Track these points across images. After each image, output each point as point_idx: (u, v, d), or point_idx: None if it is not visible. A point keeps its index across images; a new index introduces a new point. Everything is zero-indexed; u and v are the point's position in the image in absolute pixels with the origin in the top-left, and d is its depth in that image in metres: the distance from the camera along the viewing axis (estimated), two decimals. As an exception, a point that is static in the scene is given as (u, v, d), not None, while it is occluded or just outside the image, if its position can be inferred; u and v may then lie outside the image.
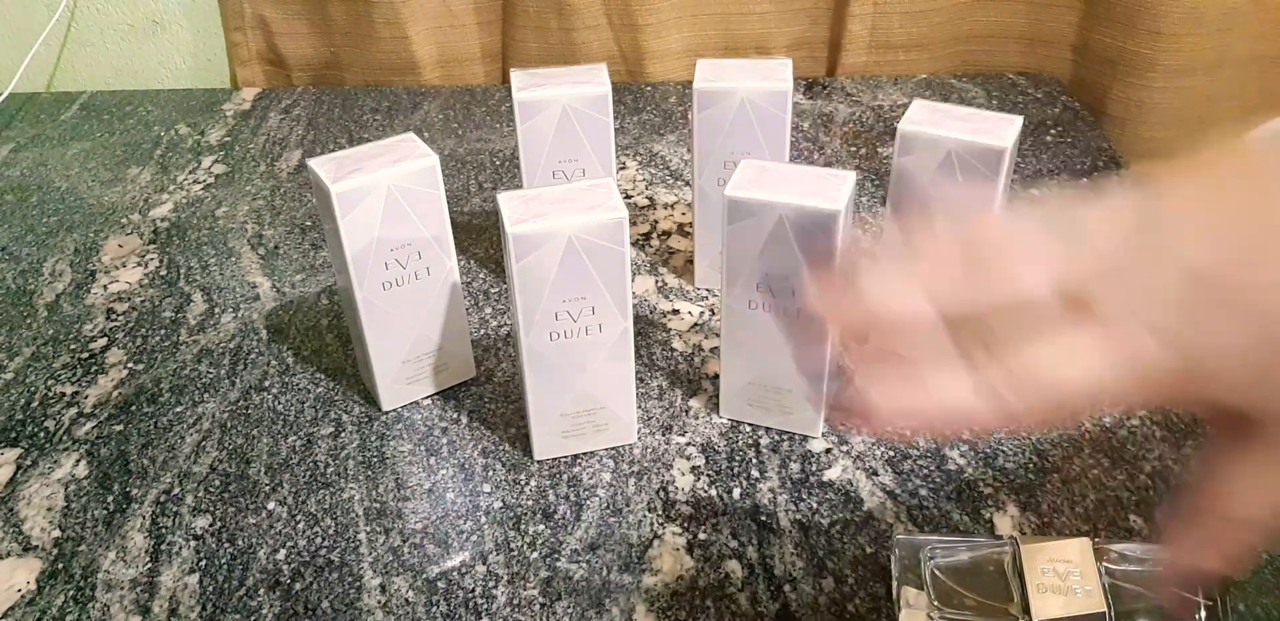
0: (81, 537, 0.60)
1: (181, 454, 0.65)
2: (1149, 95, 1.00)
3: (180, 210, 0.90)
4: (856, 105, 1.03)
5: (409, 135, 0.62)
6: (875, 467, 0.63)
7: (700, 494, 0.61)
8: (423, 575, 0.57)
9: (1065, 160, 0.93)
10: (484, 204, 0.90)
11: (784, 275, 0.58)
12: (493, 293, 0.79)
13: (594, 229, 0.55)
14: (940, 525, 0.59)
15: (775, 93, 0.67)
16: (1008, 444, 0.64)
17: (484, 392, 0.69)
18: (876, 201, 0.88)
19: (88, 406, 0.69)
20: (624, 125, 1.00)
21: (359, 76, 1.10)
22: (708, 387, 0.69)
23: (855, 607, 0.55)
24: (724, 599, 0.55)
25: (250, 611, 0.55)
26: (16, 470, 0.65)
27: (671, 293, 0.78)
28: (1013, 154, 0.62)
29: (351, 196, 0.58)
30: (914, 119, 0.63)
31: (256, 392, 0.70)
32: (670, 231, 0.85)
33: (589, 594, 0.56)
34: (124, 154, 0.99)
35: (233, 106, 1.07)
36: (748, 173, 0.58)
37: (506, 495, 0.62)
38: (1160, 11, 0.95)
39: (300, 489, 0.62)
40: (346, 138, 1.00)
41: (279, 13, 1.07)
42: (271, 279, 0.81)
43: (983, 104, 1.02)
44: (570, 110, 0.70)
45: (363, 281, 0.61)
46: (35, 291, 0.81)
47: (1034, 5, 1.04)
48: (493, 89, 1.08)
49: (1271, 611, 0.54)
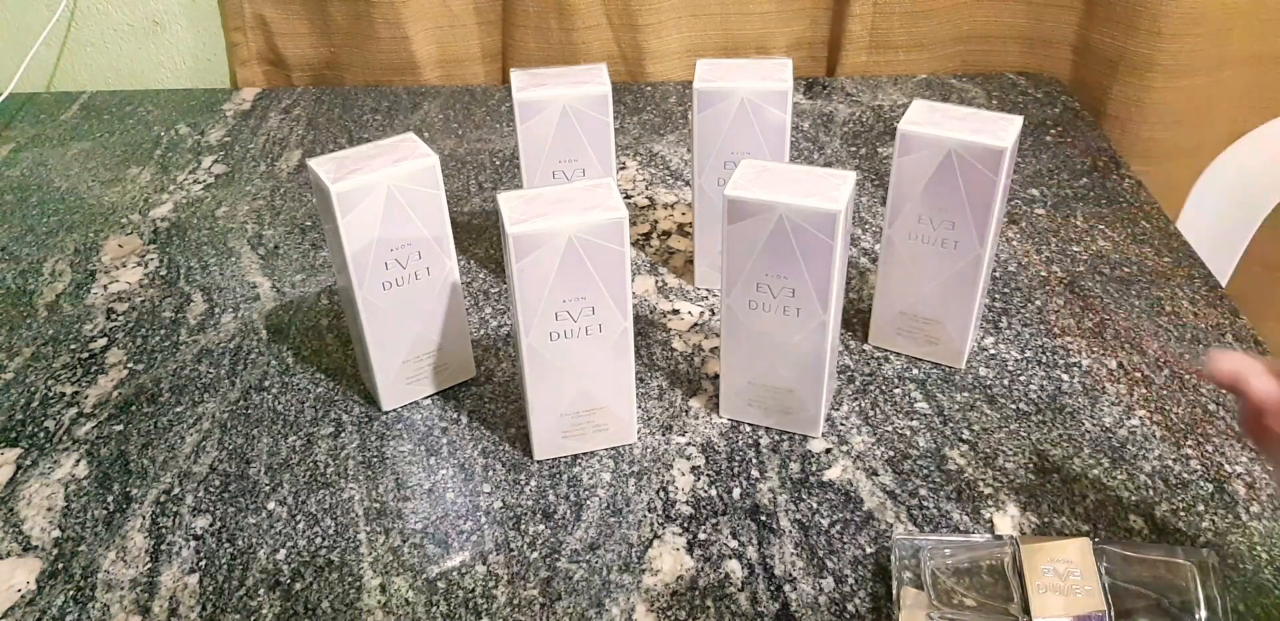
0: (81, 537, 0.60)
1: (181, 454, 0.65)
2: (1149, 95, 1.00)
3: (180, 210, 0.90)
4: (856, 105, 1.03)
5: (409, 135, 0.62)
6: (875, 467, 0.63)
7: (700, 494, 0.61)
8: (423, 575, 0.57)
9: (1065, 160, 0.93)
10: (484, 204, 0.90)
11: (784, 275, 0.58)
12: (493, 292, 0.79)
13: (594, 229, 0.55)
14: (940, 525, 0.59)
15: (775, 93, 0.67)
16: (1007, 444, 0.64)
17: (484, 392, 0.69)
18: (876, 201, 0.88)
19: (88, 406, 0.69)
20: (624, 125, 1.00)
21: (359, 76, 1.10)
22: (708, 387, 0.69)
23: (855, 607, 0.55)
24: (724, 599, 0.55)
25: (250, 611, 0.55)
26: (16, 470, 0.65)
27: (671, 293, 0.78)
28: (1013, 154, 0.62)
29: (351, 196, 0.58)
30: (914, 119, 0.63)
31: (256, 392, 0.70)
32: (670, 231, 0.85)
33: (589, 594, 0.56)
34: (124, 154, 0.99)
35: (233, 106, 1.07)
36: (748, 173, 0.58)
37: (506, 495, 0.62)
38: (1160, 11, 0.95)
39: (300, 489, 0.62)
40: (346, 138, 1.00)
41: (279, 13, 1.07)
42: (271, 279, 0.81)
43: (983, 104, 1.02)
44: (570, 110, 0.70)
45: (363, 281, 0.61)
46: (35, 291, 0.81)
47: (1034, 5, 1.04)
48: (493, 89, 1.08)
49: (1271, 611, 0.54)
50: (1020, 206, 0.87)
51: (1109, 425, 0.65)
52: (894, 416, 0.66)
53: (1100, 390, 0.68)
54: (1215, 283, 0.78)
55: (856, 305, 0.76)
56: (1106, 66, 1.02)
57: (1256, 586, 0.55)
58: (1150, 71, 0.99)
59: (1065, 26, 1.05)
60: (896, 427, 0.66)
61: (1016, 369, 0.70)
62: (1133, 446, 0.64)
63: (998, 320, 0.74)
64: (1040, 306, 0.76)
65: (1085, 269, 0.79)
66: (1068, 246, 0.82)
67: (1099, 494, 0.61)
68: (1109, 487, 0.61)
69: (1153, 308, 0.75)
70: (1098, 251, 0.81)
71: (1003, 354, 0.71)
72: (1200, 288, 0.77)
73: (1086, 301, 0.76)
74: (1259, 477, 0.61)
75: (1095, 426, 0.65)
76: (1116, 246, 0.82)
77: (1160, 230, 0.84)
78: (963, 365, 0.70)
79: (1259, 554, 0.57)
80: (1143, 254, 0.81)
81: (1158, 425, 0.65)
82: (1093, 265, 0.80)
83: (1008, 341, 0.72)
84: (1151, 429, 0.65)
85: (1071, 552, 0.52)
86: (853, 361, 0.71)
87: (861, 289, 0.78)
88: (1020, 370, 0.70)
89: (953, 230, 0.64)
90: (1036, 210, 0.87)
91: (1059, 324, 0.74)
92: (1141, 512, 0.59)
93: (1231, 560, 0.56)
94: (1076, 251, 0.81)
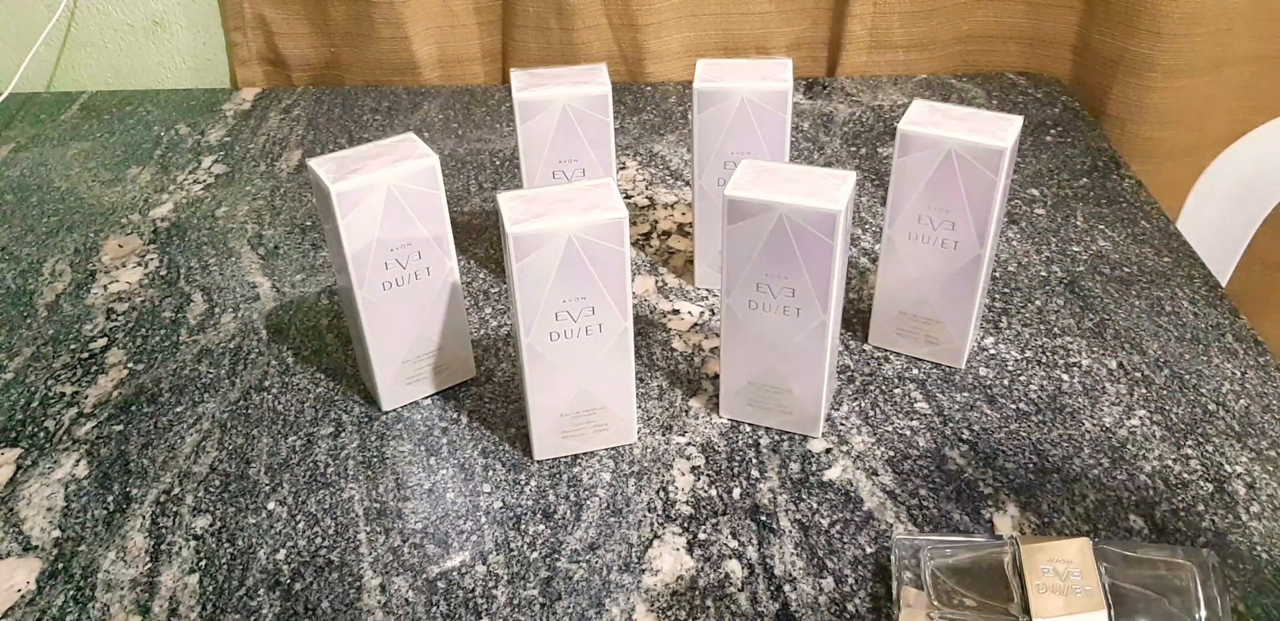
0: (81, 537, 0.60)
1: (181, 454, 0.65)
2: (1149, 95, 1.00)
3: (180, 210, 0.90)
4: (856, 105, 1.03)
5: (409, 135, 0.62)
6: (875, 467, 0.63)
7: (700, 494, 0.61)
8: (423, 575, 0.57)
9: (1065, 160, 0.93)
10: (484, 204, 0.90)
11: (784, 275, 0.58)
12: (493, 292, 0.79)
13: (594, 229, 0.55)
14: (940, 525, 0.59)
15: (775, 93, 0.67)
16: (1007, 444, 0.64)
17: (484, 392, 0.69)
18: (876, 201, 0.88)
19: (88, 406, 0.69)
20: (624, 125, 1.00)
21: (359, 76, 1.10)
22: (708, 387, 0.69)
23: (855, 607, 0.55)
24: (724, 599, 0.55)
25: (250, 611, 0.55)
26: (16, 470, 0.65)
27: (671, 293, 0.78)
28: (1013, 154, 0.62)
29: (351, 196, 0.58)
30: (914, 119, 0.63)
31: (256, 392, 0.70)
32: (670, 231, 0.85)
33: (589, 594, 0.56)
34: (124, 154, 0.99)
35: (233, 106, 1.07)
36: (748, 173, 0.58)
37: (506, 495, 0.62)
38: (1160, 11, 0.95)
39: (300, 489, 0.62)
40: (346, 138, 1.00)
41: (279, 13, 1.07)
42: (271, 279, 0.81)
43: (983, 104, 1.02)
44: (570, 110, 0.70)
45: (363, 281, 0.61)
46: (35, 291, 0.81)
47: (1034, 5, 1.04)
48: (493, 89, 1.08)
49: (1271, 611, 0.54)
50: (1020, 206, 0.87)
51: (1109, 425, 0.65)
52: (894, 416, 0.66)
53: (1100, 390, 0.68)
54: (1215, 282, 0.78)
55: (856, 305, 0.76)
56: (1106, 66, 1.02)
57: (1256, 586, 0.55)
58: (1150, 71, 0.99)
59: (1065, 26, 1.05)
60: (896, 427, 0.66)
61: (1016, 369, 0.70)
62: (1133, 446, 0.64)
63: (998, 320, 0.74)
64: (1040, 306, 0.76)
65: (1085, 269, 0.79)
66: (1068, 246, 0.82)
67: (1099, 494, 0.61)
68: (1109, 487, 0.61)
69: (1153, 308, 0.75)
70: (1098, 251, 0.81)
71: (1003, 354, 0.71)
72: (1200, 288, 0.77)
73: (1086, 301, 0.76)
74: (1259, 477, 0.61)
75: (1095, 426, 0.65)
76: (1116, 246, 0.82)
77: (1160, 230, 0.84)
78: (963, 365, 0.70)
79: (1259, 554, 0.57)
80: (1143, 254, 0.81)
81: (1158, 425, 0.65)
82: (1093, 265, 0.80)
83: (1008, 341, 0.72)
84: (1151, 429, 0.65)
85: (1071, 552, 0.52)
86: (853, 361, 0.71)
87: (861, 289, 0.78)
88: (1020, 370, 0.70)
89: (953, 230, 0.64)
90: (1036, 210, 0.87)
91: (1059, 324, 0.74)
92: (1141, 512, 0.59)
93: (1231, 560, 0.56)
94: (1076, 251, 0.81)
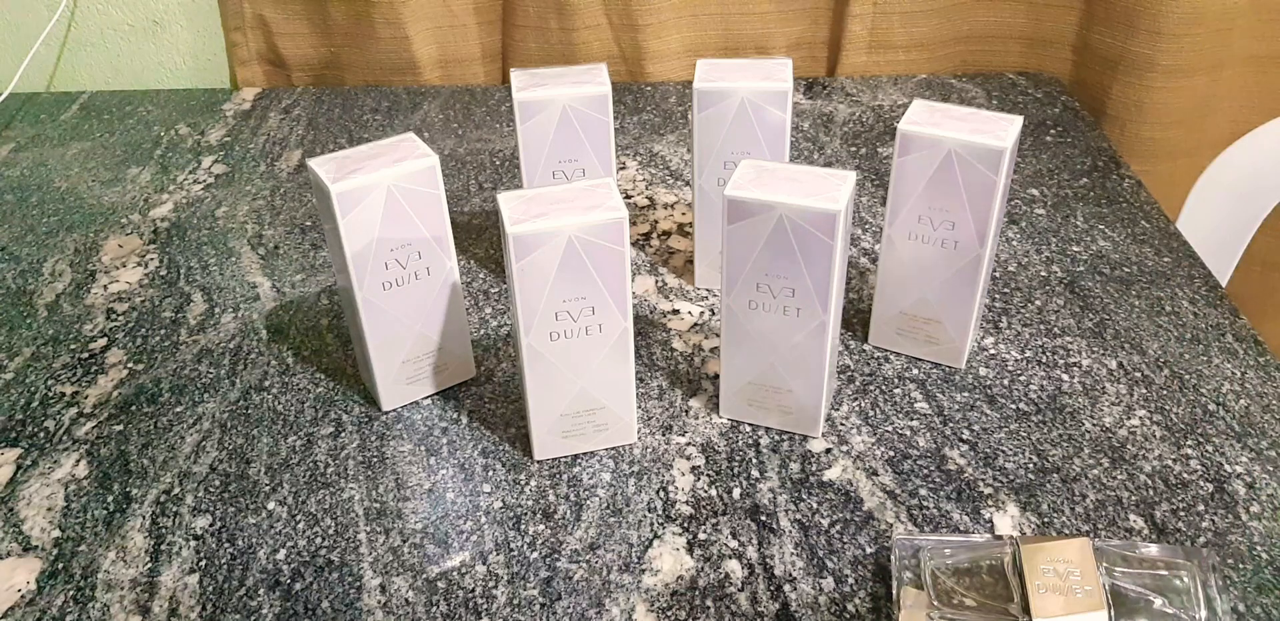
0: (81, 537, 0.60)
1: (181, 454, 0.65)
2: (1149, 95, 1.00)
3: (180, 210, 0.90)
4: (856, 105, 1.03)
5: (409, 135, 0.62)
6: (875, 467, 0.63)
7: (700, 494, 0.61)
8: (423, 575, 0.57)
9: (1065, 160, 0.93)
10: (484, 204, 0.90)
11: (784, 275, 0.58)
12: (493, 292, 0.79)
13: (594, 229, 0.55)
14: (940, 525, 0.59)
15: (775, 93, 0.67)
16: (1007, 444, 0.64)
17: (484, 392, 0.69)
18: (877, 201, 0.88)
19: (88, 406, 0.69)
20: (624, 125, 1.00)
21: (359, 76, 1.10)
22: (708, 387, 0.69)
23: (855, 607, 0.55)
24: (724, 599, 0.55)
25: (250, 611, 0.55)
26: (16, 470, 0.65)
27: (671, 292, 0.78)
28: (1013, 154, 0.62)
29: (351, 196, 0.58)
30: (914, 119, 0.63)
31: (256, 392, 0.70)
32: (670, 231, 0.85)
33: (589, 594, 0.56)
34: (124, 154, 0.99)
35: (233, 106, 1.07)
36: (748, 173, 0.58)
37: (506, 495, 0.62)
38: (1160, 11, 0.95)
39: (300, 489, 0.62)
40: (346, 138, 1.00)
41: (279, 13, 1.07)
42: (271, 279, 0.81)
43: (983, 104, 1.02)
44: (570, 110, 0.70)
45: (363, 281, 0.61)
46: (35, 291, 0.81)
47: (1034, 5, 1.04)
48: (493, 89, 1.08)
49: (1271, 611, 0.54)
50: (1020, 206, 0.87)
51: (1109, 425, 0.65)
52: (894, 416, 0.66)
53: (1100, 390, 0.68)
54: (1215, 282, 0.78)
55: (856, 305, 0.76)
56: (1106, 66, 1.02)
57: (1256, 586, 0.55)
58: (1150, 71, 0.99)
59: (1065, 26, 1.05)
60: (896, 427, 0.66)
61: (1016, 369, 0.70)
62: (1133, 446, 0.64)
63: (998, 320, 0.74)
64: (1040, 306, 0.76)
65: (1085, 269, 0.79)
66: (1068, 246, 0.82)
67: (1099, 494, 0.61)
68: (1109, 487, 0.61)
69: (1153, 308, 0.75)
70: (1098, 251, 0.81)
71: (1003, 354, 0.71)
72: (1200, 288, 0.77)
73: (1086, 301, 0.76)
74: (1259, 477, 0.61)
75: (1095, 426, 0.65)
76: (1116, 246, 0.82)
77: (1160, 230, 0.84)
78: (963, 365, 0.70)
79: (1259, 554, 0.57)
80: (1143, 254, 0.81)
81: (1158, 425, 0.65)
82: (1093, 265, 0.80)
83: (1008, 341, 0.72)
84: (1151, 429, 0.65)
85: (1071, 552, 0.52)
86: (853, 361, 0.71)
87: (861, 289, 0.78)
88: (1020, 370, 0.70)
89: (953, 230, 0.64)
90: (1036, 210, 0.87)
91: (1059, 324, 0.74)
92: (1141, 512, 0.59)
93: (1231, 560, 0.56)
94: (1076, 251, 0.81)
